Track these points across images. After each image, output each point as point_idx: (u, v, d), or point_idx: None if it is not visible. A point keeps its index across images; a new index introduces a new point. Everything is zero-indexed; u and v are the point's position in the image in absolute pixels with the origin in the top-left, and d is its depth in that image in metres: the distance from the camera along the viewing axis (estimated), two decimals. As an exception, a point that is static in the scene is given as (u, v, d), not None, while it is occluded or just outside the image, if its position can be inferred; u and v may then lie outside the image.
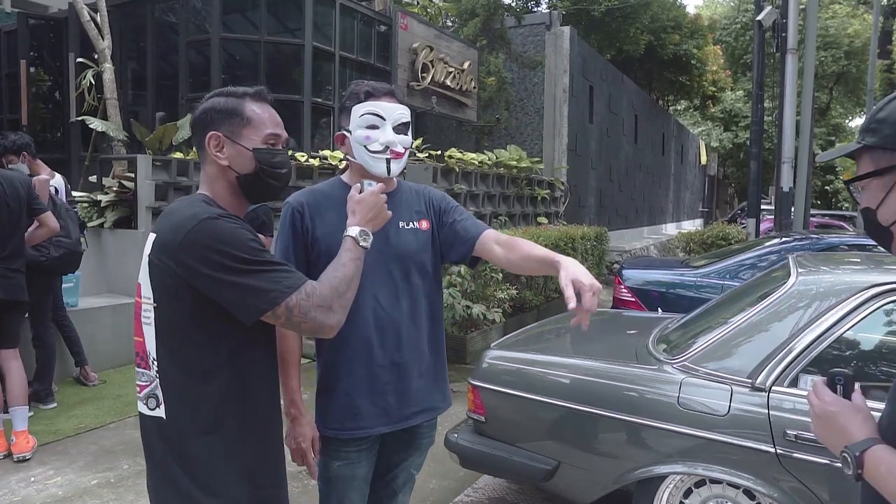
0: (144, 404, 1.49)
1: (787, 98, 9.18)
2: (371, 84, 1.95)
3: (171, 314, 1.43)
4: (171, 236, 1.40)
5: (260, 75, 8.17)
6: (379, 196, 1.67)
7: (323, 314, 1.43)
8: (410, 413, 1.98)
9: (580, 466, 2.94)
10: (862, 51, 24.83)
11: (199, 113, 1.55)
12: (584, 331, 1.80)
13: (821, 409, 1.17)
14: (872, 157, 1.11)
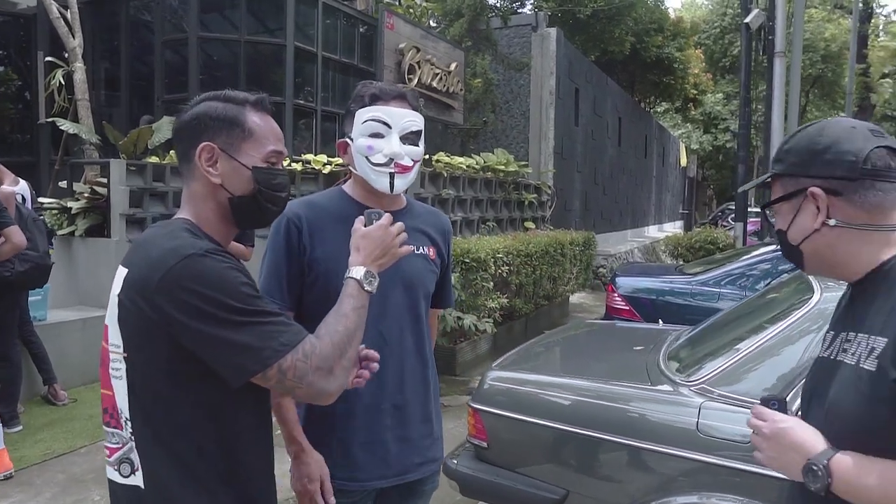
0: (116, 470, 1.24)
1: (776, 101, 9.12)
2: (379, 86, 1.71)
3: (145, 367, 1.20)
4: (146, 273, 1.17)
5: (240, 76, 7.91)
6: (388, 230, 1.42)
7: (322, 379, 1.20)
8: (412, 465, 1.75)
9: (591, 496, 2.76)
10: (838, 55, 25.12)
11: (189, 117, 1.30)
12: (581, 344, 1.72)
13: (771, 427, 1.15)
14: (782, 183, 1.25)
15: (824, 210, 1.19)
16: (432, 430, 1.82)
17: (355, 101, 1.70)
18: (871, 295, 1.18)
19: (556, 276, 8.09)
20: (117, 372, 1.22)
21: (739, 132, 10.53)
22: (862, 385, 1.08)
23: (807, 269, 1.27)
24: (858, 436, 1.07)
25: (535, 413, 2.87)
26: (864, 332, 1.13)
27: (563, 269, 8.29)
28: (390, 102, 1.68)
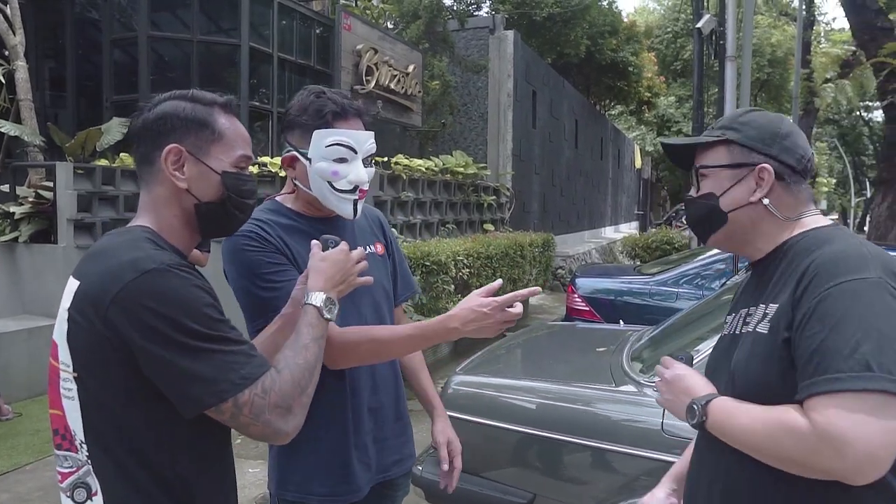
0: (69, 497, 1.15)
1: (727, 104, 9.33)
2: (337, 101, 1.57)
3: (98, 387, 1.11)
4: (100, 287, 1.08)
5: (192, 77, 7.71)
6: (349, 255, 1.36)
7: (280, 418, 1.11)
8: (390, 463, 1.73)
9: (557, 499, 2.75)
10: (784, 60, 25.89)
11: (154, 117, 1.21)
12: (544, 346, 1.74)
13: (671, 374, 1.30)
14: (730, 151, 1.29)
15: (765, 188, 1.26)
16: (405, 428, 1.80)
17: (313, 117, 1.56)
18: (771, 271, 1.27)
19: (516, 278, 8.12)
20: (69, 392, 1.12)
21: (693, 134, 10.73)
22: (757, 347, 1.18)
23: (713, 240, 1.34)
24: (756, 394, 1.16)
25: (500, 417, 2.85)
26: (763, 303, 1.23)
27: (523, 270, 8.32)
28: (351, 121, 1.58)
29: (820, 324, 1.06)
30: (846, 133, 38.84)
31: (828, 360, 1.04)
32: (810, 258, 1.17)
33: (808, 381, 1.05)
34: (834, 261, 1.13)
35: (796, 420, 1.06)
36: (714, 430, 1.18)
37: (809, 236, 1.24)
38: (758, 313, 1.22)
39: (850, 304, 1.06)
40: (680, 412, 1.27)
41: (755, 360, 1.17)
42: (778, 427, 1.08)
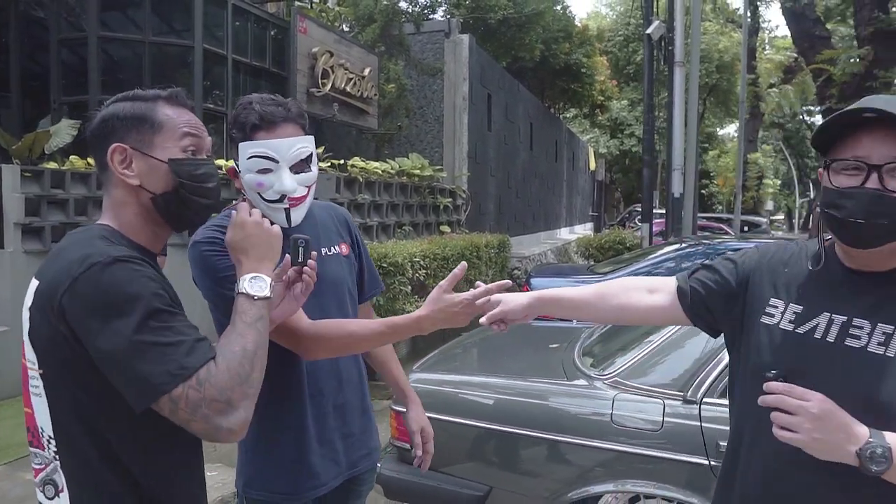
0: (41, 492, 1.17)
1: (676, 108, 9.62)
2: (260, 110, 1.56)
3: (64, 385, 1.12)
4: (54, 284, 1.09)
5: (144, 78, 7.58)
6: (257, 223, 1.30)
7: (218, 413, 1.06)
8: (356, 458, 1.78)
9: (513, 491, 2.84)
10: (731, 65, 26.68)
11: (97, 122, 1.22)
12: (499, 344, 1.83)
13: (819, 408, 1.08)
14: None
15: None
16: (370, 422, 1.86)
17: (236, 128, 1.58)
18: (882, 285, 1.19)
19: (473, 279, 8.20)
20: (36, 389, 1.14)
21: (644, 137, 11.03)
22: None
23: (885, 246, 1.15)
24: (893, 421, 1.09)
25: (457, 412, 2.93)
26: (886, 322, 1.15)
27: (479, 271, 8.42)
28: (275, 130, 1.56)
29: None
30: (790, 136, 40.14)
31: None
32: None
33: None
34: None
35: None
36: (891, 476, 1.06)
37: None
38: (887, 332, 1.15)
39: None
40: (836, 453, 1.09)
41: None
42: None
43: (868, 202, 1.11)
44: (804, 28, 12.10)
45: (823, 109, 12.06)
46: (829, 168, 1.19)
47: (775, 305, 1.29)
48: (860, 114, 1.13)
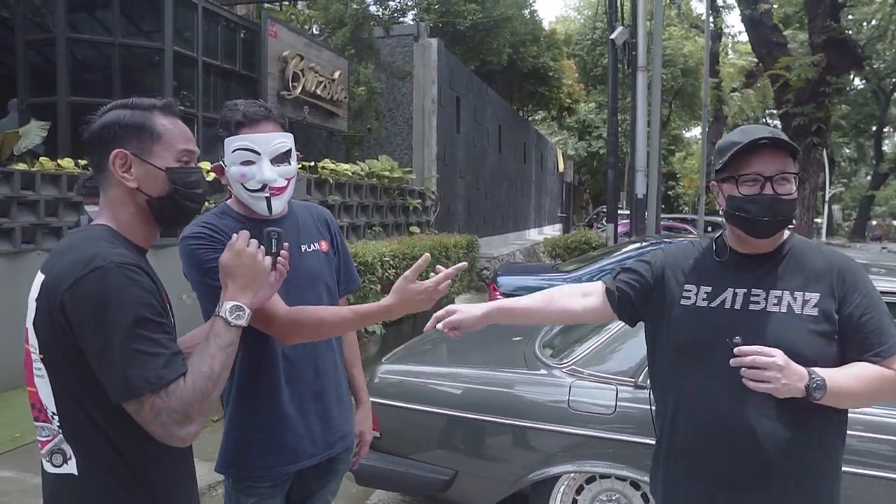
0: (49, 461, 1.30)
1: (639, 112, 9.90)
2: (244, 110, 1.74)
3: (61, 369, 1.25)
4: (57, 281, 1.22)
5: (114, 80, 7.59)
6: (246, 253, 1.42)
7: (176, 423, 1.20)
8: (334, 440, 1.91)
9: (477, 474, 3.00)
10: (695, 69, 27.27)
11: (98, 127, 1.35)
12: (464, 338, 2.01)
13: (783, 359, 1.41)
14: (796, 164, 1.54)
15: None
16: (347, 408, 1.99)
17: (222, 127, 1.76)
18: (771, 264, 1.58)
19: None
20: (39, 372, 1.27)
21: (608, 140, 11.30)
22: (810, 326, 1.51)
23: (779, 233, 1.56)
24: (808, 360, 1.46)
25: (424, 401, 3.08)
26: (784, 290, 1.54)
27: (449, 271, 8.58)
28: (257, 127, 1.73)
29: (873, 309, 1.51)
30: (753, 139, 41.03)
31: (888, 333, 1.50)
32: (829, 259, 1.57)
33: (881, 347, 1.49)
34: (845, 259, 1.59)
35: (887, 373, 1.48)
36: (828, 398, 1.42)
37: (797, 238, 1.63)
38: (787, 298, 1.53)
39: (877, 293, 1.54)
40: (793, 390, 1.41)
41: (813, 335, 1.50)
42: (881, 382, 1.47)
43: (768, 204, 1.50)
44: (762, 35, 12.49)
45: (781, 113, 12.44)
46: (737, 181, 1.54)
47: (689, 290, 1.64)
48: (758, 141, 1.50)
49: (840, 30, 11.49)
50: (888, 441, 2.44)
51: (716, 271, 1.63)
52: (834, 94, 11.56)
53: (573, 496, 2.90)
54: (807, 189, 11.85)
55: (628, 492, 2.82)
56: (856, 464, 2.36)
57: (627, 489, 2.82)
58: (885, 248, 25.52)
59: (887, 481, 2.40)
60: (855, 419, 2.10)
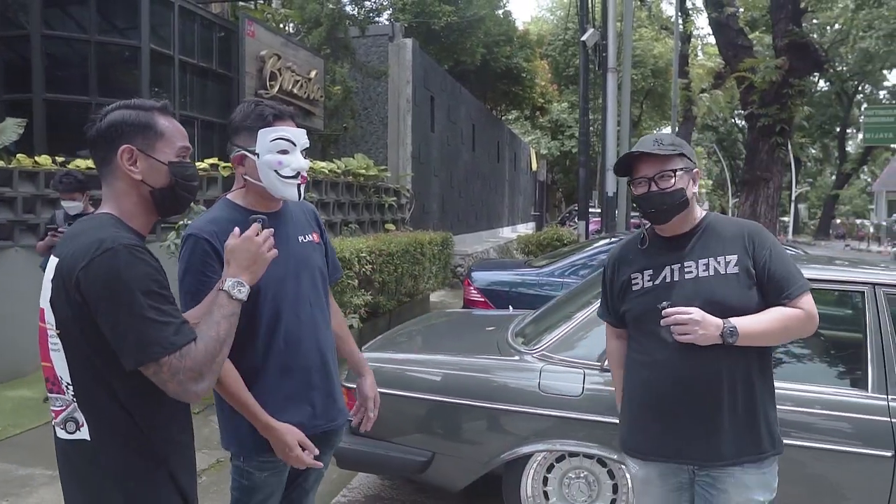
0: (63, 429, 1.43)
1: (609, 112, 10.15)
2: (275, 107, 1.94)
3: (77, 343, 1.39)
4: (72, 262, 1.36)
5: (90, 77, 7.61)
6: (254, 240, 1.59)
7: (191, 380, 1.37)
8: (334, 413, 2.06)
9: (453, 455, 3.15)
10: (665, 70, 27.71)
11: (106, 125, 1.49)
12: (441, 329, 2.19)
13: (698, 314, 1.81)
14: (683, 160, 1.93)
15: (696, 185, 1.98)
16: (339, 385, 2.14)
17: (256, 119, 1.89)
18: (691, 240, 1.97)
19: (417, 275, 8.50)
20: (55, 346, 1.40)
21: (580, 139, 11.53)
22: (734, 282, 1.89)
23: (675, 220, 1.94)
24: (736, 309, 1.86)
25: (403, 387, 3.21)
26: (708, 257, 1.93)
27: (423, 267, 8.72)
28: (286, 122, 1.93)
29: (779, 261, 1.90)
30: (723, 139, 41.83)
31: (794, 277, 1.89)
32: (739, 226, 1.97)
33: (790, 289, 1.87)
34: (756, 226, 1.99)
35: (795, 312, 1.86)
36: (743, 340, 1.81)
37: (713, 216, 2.03)
38: (712, 263, 1.91)
39: (781, 247, 1.94)
40: (710, 338, 1.80)
41: (737, 288, 1.88)
42: (788, 319, 1.86)
43: (655, 198, 1.93)
44: (728, 38, 12.85)
45: (746, 114, 12.83)
46: (631, 184, 2.00)
47: (636, 277, 2.02)
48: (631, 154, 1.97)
49: (802, 34, 11.89)
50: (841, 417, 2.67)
51: (651, 256, 2.00)
52: (796, 96, 11.95)
53: (544, 474, 3.08)
54: (770, 187, 12.24)
55: (595, 469, 3.01)
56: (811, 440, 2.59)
57: (595, 466, 3.01)
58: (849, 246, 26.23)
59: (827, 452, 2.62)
60: (814, 398, 2.67)
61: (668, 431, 1.95)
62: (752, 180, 12.37)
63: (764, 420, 1.93)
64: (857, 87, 34.73)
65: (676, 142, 1.96)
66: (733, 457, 1.91)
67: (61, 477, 1.49)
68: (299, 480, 2.14)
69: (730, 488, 1.93)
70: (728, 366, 1.88)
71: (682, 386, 1.91)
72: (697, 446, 1.93)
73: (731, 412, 1.89)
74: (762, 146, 12.11)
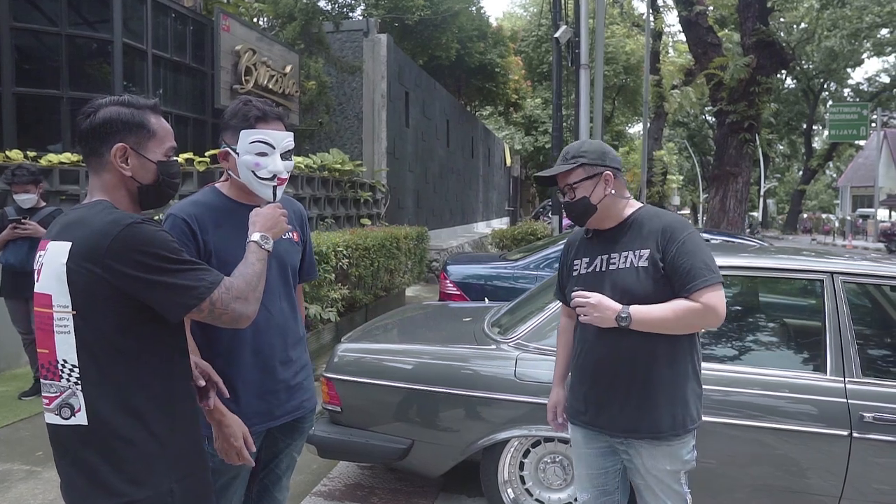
0: (57, 415, 1.48)
1: (582, 108, 10.26)
2: (261, 107, 1.98)
3: (96, 322, 1.45)
4: (94, 242, 1.43)
5: (62, 71, 7.53)
6: (276, 210, 1.83)
7: (242, 305, 1.56)
8: (300, 402, 2.13)
9: (432, 442, 3.23)
10: (637, 67, 28.05)
11: (100, 121, 1.56)
12: (418, 320, 2.30)
13: (596, 299, 2.04)
14: (585, 169, 2.12)
15: (612, 184, 2.14)
16: (308, 375, 2.21)
17: (240, 119, 1.95)
18: (621, 233, 2.16)
19: (393, 269, 8.57)
20: (64, 328, 1.45)
21: (553, 134, 11.66)
22: (642, 274, 2.07)
23: (589, 222, 2.18)
24: (640, 299, 2.04)
25: (382, 376, 3.29)
26: (627, 250, 2.11)
27: (399, 261, 8.78)
28: (272, 124, 1.97)
29: (686, 257, 2.02)
30: (694, 135, 42.43)
31: (699, 271, 2.00)
32: (660, 222, 2.10)
33: (692, 283, 2.00)
34: (677, 222, 2.12)
35: (693, 304, 2.00)
36: (637, 325, 2.00)
37: (643, 210, 2.18)
38: (629, 256, 2.09)
39: (696, 243, 2.06)
40: (607, 322, 2.02)
41: (644, 280, 2.05)
42: (685, 310, 2.00)
43: (570, 206, 2.17)
44: (698, 35, 13.06)
45: (716, 111, 13.05)
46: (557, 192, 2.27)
47: (577, 263, 2.26)
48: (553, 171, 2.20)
49: (769, 32, 12.13)
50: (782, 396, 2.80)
51: (588, 246, 2.24)
52: (764, 93, 12.19)
53: (521, 459, 3.18)
54: (739, 182, 12.48)
55: (570, 453, 3.11)
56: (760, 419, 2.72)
57: (569, 450, 3.10)
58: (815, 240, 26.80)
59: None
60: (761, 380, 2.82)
61: (588, 401, 2.22)
62: (721, 175, 12.60)
63: (667, 402, 2.10)
64: (823, 84, 35.50)
65: (581, 151, 2.14)
66: (631, 431, 2.13)
67: (58, 463, 1.53)
68: (271, 466, 2.20)
69: (639, 456, 2.15)
70: (631, 349, 2.08)
71: (600, 363, 2.16)
72: (605, 417, 2.18)
73: (630, 391, 2.11)
74: (731, 142, 12.34)
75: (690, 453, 2.16)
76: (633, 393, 2.11)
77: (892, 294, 3.22)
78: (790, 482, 2.77)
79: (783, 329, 3.41)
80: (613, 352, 2.12)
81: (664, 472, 2.13)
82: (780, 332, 3.41)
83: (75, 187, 6.76)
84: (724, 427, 2.79)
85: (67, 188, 6.81)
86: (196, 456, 1.62)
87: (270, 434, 2.12)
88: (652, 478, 2.15)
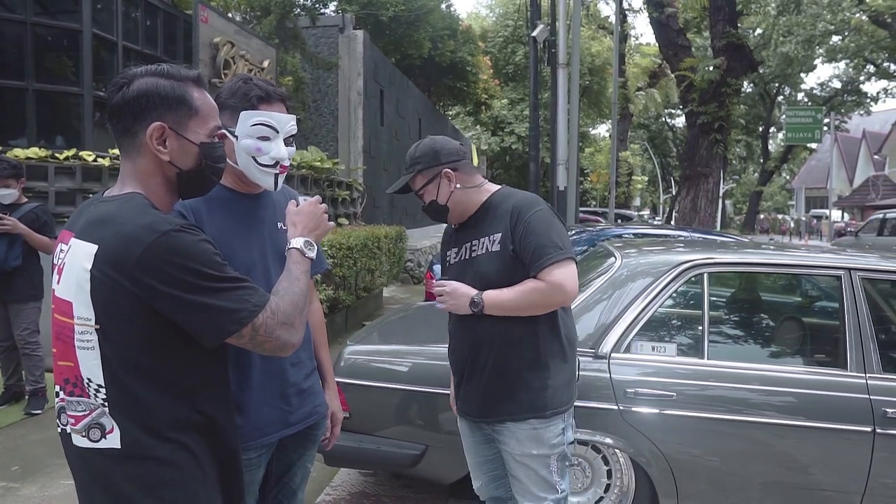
0: (84, 436, 1.29)
1: (560, 107, 10.27)
2: (263, 86, 1.78)
3: (121, 338, 1.26)
4: (123, 249, 1.23)
5: (27, 61, 7.18)
6: (318, 206, 1.64)
7: (287, 332, 1.36)
8: (311, 410, 1.95)
9: (448, 447, 3.09)
10: (602, 69, 28.35)
11: (134, 94, 1.32)
12: (423, 318, 2.27)
13: (451, 287, 2.10)
14: (423, 175, 2.14)
15: (454, 179, 2.14)
16: (317, 378, 2.04)
17: (239, 99, 1.75)
18: (479, 220, 2.18)
19: (373, 268, 8.43)
20: (87, 343, 1.26)
21: (530, 134, 11.65)
22: (496, 258, 2.08)
23: (450, 218, 2.22)
24: (498, 283, 2.06)
25: (394, 379, 3.16)
26: (483, 236, 2.13)
27: (379, 261, 8.65)
28: (275, 105, 1.77)
29: (531, 235, 2.02)
30: (654, 136, 43.12)
31: (544, 249, 2.00)
32: (510, 202, 2.10)
33: (538, 262, 1.99)
34: (525, 201, 2.11)
35: (538, 284, 2.00)
36: (490, 309, 2.04)
37: (498, 194, 2.19)
38: (485, 241, 2.11)
39: (544, 220, 2.05)
40: (462, 308, 2.07)
41: (498, 266, 2.07)
42: (531, 291, 2.01)
43: (426, 210, 2.23)
44: (668, 37, 13.21)
45: (686, 112, 13.21)
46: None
47: (449, 253, 2.30)
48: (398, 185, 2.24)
49: (738, 35, 12.32)
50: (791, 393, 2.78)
51: (456, 236, 2.28)
52: (733, 95, 12.39)
53: (538, 462, 3.09)
54: (710, 183, 12.66)
55: (589, 455, 3.03)
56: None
57: (589, 453, 3.03)
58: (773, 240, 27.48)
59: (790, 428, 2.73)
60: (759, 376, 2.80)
61: (458, 389, 2.27)
62: (693, 176, 12.75)
63: (524, 386, 2.11)
64: (779, 88, 36.37)
65: (415, 158, 2.16)
66: (491, 415, 2.17)
67: (80, 486, 1.35)
68: (285, 480, 2.02)
69: (506, 441, 2.17)
70: (487, 334, 2.11)
71: (461, 351, 2.21)
72: (470, 404, 2.22)
73: (484, 376, 2.14)
74: (702, 143, 12.49)
75: (559, 437, 2.14)
76: (487, 377, 2.13)
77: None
78: (811, 480, 2.76)
79: (800, 325, 3.40)
80: (470, 338, 2.15)
81: (530, 456, 2.13)
82: (797, 328, 3.40)
83: (44, 184, 6.45)
84: (739, 425, 2.76)
85: (35, 185, 6.49)
86: (238, 476, 1.47)
87: (281, 445, 1.93)
88: (517, 464, 2.15)
